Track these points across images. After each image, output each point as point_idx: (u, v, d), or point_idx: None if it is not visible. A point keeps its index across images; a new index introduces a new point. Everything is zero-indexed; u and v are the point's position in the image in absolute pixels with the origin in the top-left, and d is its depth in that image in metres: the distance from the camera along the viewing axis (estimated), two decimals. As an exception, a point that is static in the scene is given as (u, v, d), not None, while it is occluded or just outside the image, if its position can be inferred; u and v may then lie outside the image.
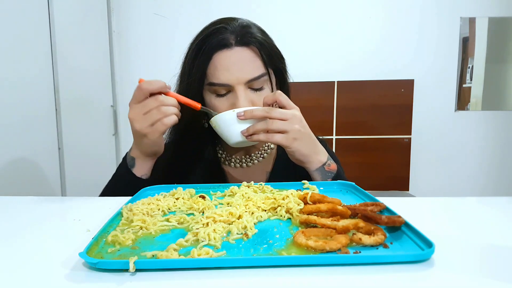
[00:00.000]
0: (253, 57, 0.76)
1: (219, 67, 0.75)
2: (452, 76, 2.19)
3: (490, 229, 0.46)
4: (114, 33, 2.11)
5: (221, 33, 0.76)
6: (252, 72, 0.75)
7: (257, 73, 0.76)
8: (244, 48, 0.76)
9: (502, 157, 2.26)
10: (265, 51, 0.77)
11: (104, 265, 0.34)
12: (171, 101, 0.68)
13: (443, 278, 0.33)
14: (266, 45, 0.78)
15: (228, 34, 0.76)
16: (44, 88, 1.39)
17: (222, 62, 0.75)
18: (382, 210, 0.49)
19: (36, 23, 1.36)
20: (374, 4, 2.16)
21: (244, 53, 0.76)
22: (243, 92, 0.75)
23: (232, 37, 0.76)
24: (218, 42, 0.75)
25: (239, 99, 0.74)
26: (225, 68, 0.75)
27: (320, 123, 2.20)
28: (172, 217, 0.47)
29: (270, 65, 0.79)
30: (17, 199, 0.63)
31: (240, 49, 0.76)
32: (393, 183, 2.26)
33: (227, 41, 0.75)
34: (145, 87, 0.67)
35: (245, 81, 0.75)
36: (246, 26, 0.79)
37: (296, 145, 0.68)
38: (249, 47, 0.76)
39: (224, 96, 0.77)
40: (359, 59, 2.19)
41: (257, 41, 0.77)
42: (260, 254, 0.38)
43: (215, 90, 0.77)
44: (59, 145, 1.47)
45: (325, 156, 0.73)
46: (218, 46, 0.75)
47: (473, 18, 2.14)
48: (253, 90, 0.77)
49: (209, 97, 0.79)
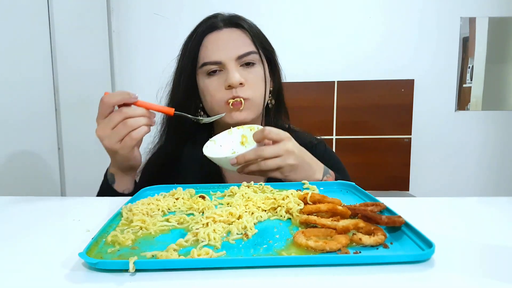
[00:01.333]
0: (242, 36, 0.80)
1: (210, 47, 0.78)
2: (452, 76, 2.19)
3: (490, 229, 0.46)
4: (113, 33, 2.11)
5: (210, 20, 0.82)
6: (242, 49, 0.78)
7: (247, 49, 0.79)
8: (233, 29, 0.81)
9: (502, 157, 2.26)
10: (253, 33, 0.81)
11: (103, 265, 0.34)
12: (139, 111, 0.64)
13: (443, 278, 0.33)
14: (254, 28, 0.83)
15: (217, 20, 0.81)
16: (44, 88, 1.39)
17: (213, 42, 0.79)
18: (382, 210, 0.49)
19: (36, 23, 1.36)
20: (374, 4, 2.16)
21: (233, 33, 0.80)
22: (233, 67, 0.77)
23: (221, 21, 0.81)
24: (208, 26, 0.80)
25: (230, 73, 0.76)
26: (216, 47, 0.78)
27: (320, 123, 2.20)
28: (172, 217, 0.47)
29: (259, 46, 0.81)
30: (17, 199, 0.62)
31: (229, 30, 0.80)
32: (393, 183, 2.26)
33: (217, 24, 0.80)
34: (107, 101, 0.64)
35: (236, 57, 0.77)
36: (235, 15, 0.84)
37: (292, 175, 0.68)
38: (238, 28, 0.81)
39: (215, 75, 0.79)
40: (359, 59, 2.19)
41: (245, 23, 0.81)
42: (260, 254, 0.37)
43: (207, 69, 0.79)
44: (58, 145, 1.47)
45: (321, 173, 0.72)
46: (208, 29, 0.80)
47: (473, 18, 2.14)
48: (244, 66, 0.79)
49: (202, 79, 0.80)
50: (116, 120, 0.63)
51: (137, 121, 0.64)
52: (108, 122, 0.64)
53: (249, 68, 0.79)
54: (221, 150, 0.74)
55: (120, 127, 0.63)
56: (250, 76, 0.78)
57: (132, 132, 0.64)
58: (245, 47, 0.79)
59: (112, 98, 0.64)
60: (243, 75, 0.78)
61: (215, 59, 0.77)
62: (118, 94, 0.64)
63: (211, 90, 0.79)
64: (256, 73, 0.80)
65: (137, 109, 0.64)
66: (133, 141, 0.64)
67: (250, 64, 0.79)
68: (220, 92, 0.78)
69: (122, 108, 0.64)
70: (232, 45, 0.78)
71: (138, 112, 0.64)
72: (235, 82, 0.76)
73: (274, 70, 0.87)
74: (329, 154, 0.93)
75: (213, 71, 0.78)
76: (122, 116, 0.63)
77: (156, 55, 2.16)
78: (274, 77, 0.88)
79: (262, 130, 0.66)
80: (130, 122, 0.63)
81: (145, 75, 2.18)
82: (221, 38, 0.78)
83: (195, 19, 0.86)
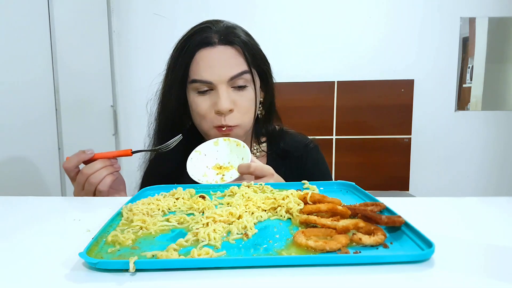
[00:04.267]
0: (235, 55, 0.77)
1: (202, 64, 0.76)
2: (452, 76, 2.19)
3: (490, 229, 0.46)
4: (114, 33, 2.11)
5: (205, 32, 0.77)
6: (234, 69, 0.76)
7: (239, 70, 0.77)
8: (227, 46, 0.77)
9: (502, 157, 2.26)
10: (248, 51, 0.78)
11: (104, 265, 0.34)
12: (97, 166, 0.69)
13: (443, 278, 0.33)
14: (250, 45, 0.79)
15: (212, 33, 0.77)
16: (44, 89, 1.39)
17: (205, 59, 0.76)
18: (382, 210, 0.49)
19: (36, 23, 1.36)
20: (374, 4, 2.16)
21: (227, 51, 0.77)
22: (225, 92, 0.76)
23: (216, 36, 0.77)
24: (202, 40, 0.76)
25: (221, 98, 0.75)
26: (208, 65, 0.76)
27: (320, 123, 2.20)
28: (172, 217, 0.47)
29: (253, 64, 0.79)
30: (17, 199, 0.62)
31: (223, 47, 0.77)
32: (393, 183, 2.26)
33: (211, 39, 0.76)
34: (66, 166, 0.70)
35: (227, 79, 0.76)
36: (231, 27, 0.80)
37: None
38: (232, 46, 0.77)
39: (206, 94, 0.78)
40: (359, 59, 2.19)
41: (240, 40, 0.78)
42: (260, 254, 0.37)
43: (197, 87, 0.77)
44: (59, 145, 1.47)
45: None
46: (201, 43, 0.76)
47: (473, 18, 2.14)
48: (235, 89, 0.77)
49: (192, 95, 0.79)
50: (81, 181, 0.69)
51: (98, 175, 0.68)
52: (77, 186, 0.70)
53: (240, 91, 0.78)
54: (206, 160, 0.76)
55: (86, 186, 0.69)
56: (240, 100, 0.77)
57: (98, 185, 0.68)
58: (238, 67, 0.77)
59: (70, 163, 0.70)
60: (234, 98, 0.77)
61: (206, 78, 0.75)
62: (74, 157, 0.70)
63: (200, 111, 0.78)
64: (247, 97, 0.79)
65: (95, 164, 0.69)
66: (103, 192, 0.69)
67: (241, 88, 0.78)
68: (209, 115, 0.78)
69: (83, 169, 0.69)
70: (224, 65, 0.76)
71: (97, 166, 0.69)
72: (224, 109, 0.75)
73: (267, 84, 0.86)
74: (322, 162, 0.93)
75: (204, 90, 0.77)
76: (84, 177, 0.68)
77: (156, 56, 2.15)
78: (267, 90, 0.87)
79: (248, 166, 0.68)
80: (92, 179, 0.68)
81: (145, 75, 2.17)
82: (214, 57, 0.76)
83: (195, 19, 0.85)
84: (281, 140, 0.90)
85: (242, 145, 0.74)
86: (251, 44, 0.80)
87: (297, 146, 0.91)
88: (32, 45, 1.32)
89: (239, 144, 0.74)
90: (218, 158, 0.76)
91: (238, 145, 0.75)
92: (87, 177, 0.68)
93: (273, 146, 0.90)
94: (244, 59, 0.77)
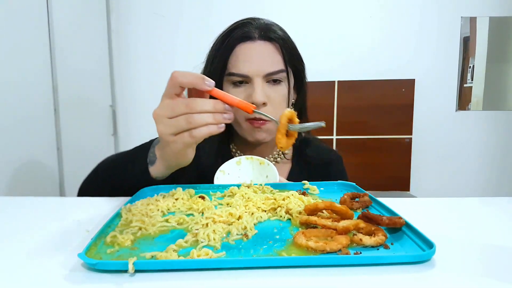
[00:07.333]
0: (274, 52, 0.78)
1: (241, 58, 0.77)
2: (453, 76, 2.19)
3: (491, 229, 0.46)
4: (113, 32, 2.11)
5: (246, 27, 0.79)
6: (272, 66, 0.77)
7: (276, 67, 0.78)
8: (267, 42, 0.78)
9: (503, 157, 2.26)
10: (286, 48, 0.79)
11: (103, 266, 0.34)
12: (208, 106, 0.53)
13: (444, 278, 0.33)
14: (288, 43, 0.81)
15: (252, 28, 0.79)
16: (43, 88, 1.39)
17: (244, 53, 0.77)
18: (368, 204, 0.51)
19: (35, 23, 1.36)
20: (374, 4, 2.16)
21: (266, 47, 0.78)
22: (260, 85, 0.76)
23: (256, 31, 0.78)
24: (242, 34, 0.78)
25: (256, 90, 0.75)
26: (246, 59, 0.77)
27: (320, 123, 2.19)
28: (171, 218, 0.47)
29: (289, 63, 0.80)
30: (16, 199, 0.62)
31: (263, 43, 0.78)
32: (393, 183, 2.25)
33: (251, 34, 0.78)
34: (176, 79, 0.53)
35: (264, 74, 0.76)
36: (270, 24, 0.82)
37: None
38: (271, 43, 0.79)
39: (242, 87, 0.78)
40: (359, 58, 2.19)
41: (279, 38, 0.79)
42: (260, 255, 0.37)
43: (233, 79, 0.78)
44: (58, 145, 1.47)
45: None
46: (242, 38, 0.78)
47: (474, 17, 2.13)
48: (270, 83, 0.78)
49: (227, 87, 0.80)
50: (178, 110, 0.53)
51: (202, 118, 0.52)
52: (170, 109, 0.53)
53: (275, 85, 0.78)
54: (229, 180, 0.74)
55: (180, 119, 0.53)
56: (274, 95, 0.78)
57: (193, 130, 0.53)
58: (275, 65, 0.77)
59: (183, 77, 0.53)
60: (268, 92, 0.77)
61: (243, 72, 0.76)
62: (190, 75, 0.53)
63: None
64: (280, 92, 0.79)
65: (207, 103, 0.53)
66: (191, 140, 0.53)
67: (276, 82, 0.79)
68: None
69: (190, 100, 0.53)
70: (262, 61, 0.77)
71: (207, 107, 0.53)
72: (258, 101, 0.75)
73: (300, 86, 0.87)
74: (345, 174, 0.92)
75: (239, 82, 0.78)
76: (186, 110, 0.52)
77: (156, 55, 2.16)
78: (299, 92, 0.87)
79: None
80: (193, 118, 0.52)
81: (144, 75, 2.18)
82: (253, 52, 0.77)
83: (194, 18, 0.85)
84: (307, 148, 0.90)
85: (266, 163, 0.73)
86: (289, 43, 0.81)
87: (323, 155, 0.91)
88: (31, 45, 1.32)
89: (262, 162, 0.74)
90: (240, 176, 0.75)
91: (262, 163, 0.74)
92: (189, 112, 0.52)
93: (298, 152, 0.90)
94: (281, 57, 0.79)
